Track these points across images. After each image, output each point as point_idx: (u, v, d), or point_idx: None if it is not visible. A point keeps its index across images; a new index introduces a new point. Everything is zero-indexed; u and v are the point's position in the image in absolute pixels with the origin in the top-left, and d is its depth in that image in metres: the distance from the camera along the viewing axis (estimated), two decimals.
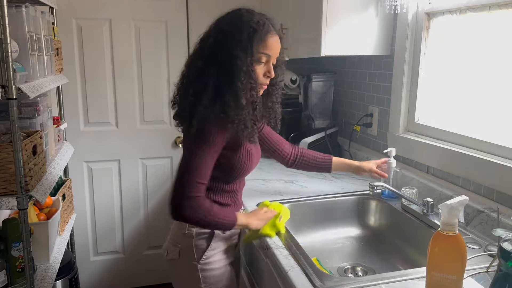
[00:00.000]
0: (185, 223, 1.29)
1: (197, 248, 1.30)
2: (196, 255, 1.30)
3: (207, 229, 1.29)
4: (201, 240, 1.30)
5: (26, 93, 1.40)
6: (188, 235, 1.30)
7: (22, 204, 1.37)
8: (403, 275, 1.11)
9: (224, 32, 1.17)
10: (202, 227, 1.27)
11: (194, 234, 1.30)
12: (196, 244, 1.30)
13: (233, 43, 1.14)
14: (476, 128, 1.48)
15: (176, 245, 1.33)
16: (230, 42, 1.15)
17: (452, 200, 0.92)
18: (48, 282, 1.54)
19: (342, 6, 1.77)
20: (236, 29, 1.15)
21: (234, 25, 1.16)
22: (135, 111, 2.57)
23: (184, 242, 1.31)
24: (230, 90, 1.14)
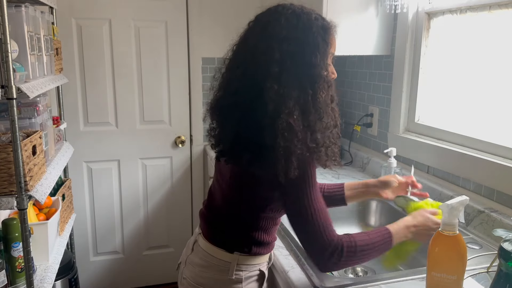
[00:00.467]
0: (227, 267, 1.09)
1: None
2: None
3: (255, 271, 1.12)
4: (251, 284, 1.11)
5: (26, 93, 1.39)
6: (235, 280, 1.08)
7: (21, 204, 1.37)
8: (403, 275, 1.10)
9: (290, 39, 0.94)
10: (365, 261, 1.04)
11: (244, 279, 1.09)
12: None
13: (308, 49, 0.94)
14: (476, 128, 1.48)
15: None
16: (304, 50, 0.94)
17: (453, 200, 0.92)
18: (48, 282, 1.54)
19: (342, 6, 1.77)
20: (305, 32, 0.95)
21: (298, 28, 0.95)
22: (135, 111, 2.57)
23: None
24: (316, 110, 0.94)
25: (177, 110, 2.61)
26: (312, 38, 0.95)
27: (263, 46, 0.95)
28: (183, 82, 2.60)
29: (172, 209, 2.73)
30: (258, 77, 0.94)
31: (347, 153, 2.19)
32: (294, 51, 0.94)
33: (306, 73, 0.94)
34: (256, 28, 1.00)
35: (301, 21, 0.95)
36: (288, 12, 0.97)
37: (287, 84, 0.92)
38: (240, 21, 1.11)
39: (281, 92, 0.92)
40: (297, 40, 0.94)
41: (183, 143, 2.66)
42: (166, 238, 2.76)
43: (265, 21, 0.99)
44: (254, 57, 0.96)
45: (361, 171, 2.05)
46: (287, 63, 0.93)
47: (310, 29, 0.95)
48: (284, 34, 0.94)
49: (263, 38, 0.96)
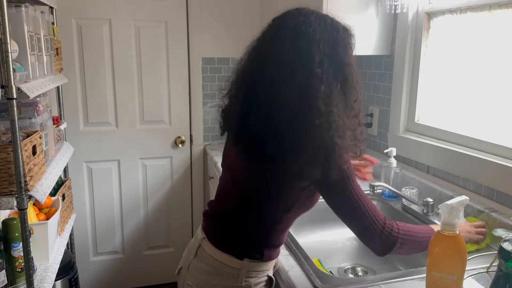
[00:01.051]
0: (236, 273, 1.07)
1: None
2: None
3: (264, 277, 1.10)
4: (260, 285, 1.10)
5: (26, 93, 1.39)
6: (245, 287, 1.07)
7: (21, 204, 1.37)
8: (403, 275, 1.11)
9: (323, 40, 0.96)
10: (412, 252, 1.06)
11: (253, 285, 1.08)
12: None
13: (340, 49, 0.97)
14: (476, 128, 1.48)
15: None
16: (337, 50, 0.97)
17: (452, 200, 0.92)
18: (48, 282, 1.54)
19: (342, 6, 1.77)
20: (334, 33, 0.98)
21: (327, 30, 0.97)
22: (135, 111, 2.57)
23: None
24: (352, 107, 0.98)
25: (177, 110, 2.61)
26: (341, 39, 0.98)
27: (302, 46, 0.95)
28: (183, 82, 2.60)
29: (172, 209, 2.73)
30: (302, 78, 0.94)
31: None
32: (330, 52, 0.96)
33: (341, 72, 0.97)
34: (285, 30, 0.99)
35: (328, 24, 0.98)
36: (313, 15, 0.99)
37: (328, 85, 0.94)
38: (240, 21, 1.11)
39: (326, 92, 0.93)
40: (330, 41, 0.96)
41: (183, 143, 2.66)
42: (166, 238, 2.76)
43: (294, 23, 0.99)
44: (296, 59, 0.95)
45: None
46: (325, 64, 0.95)
47: (338, 31, 0.98)
48: (318, 36, 0.96)
49: (299, 39, 0.96)
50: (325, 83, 0.94)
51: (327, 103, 0.93)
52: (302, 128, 0.94)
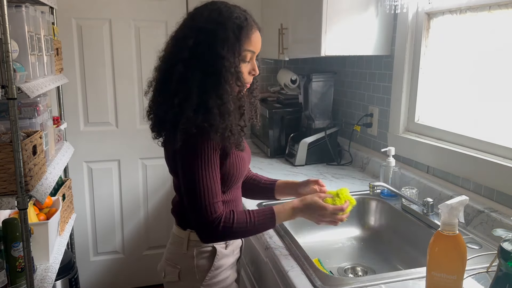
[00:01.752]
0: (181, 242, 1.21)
1: (199, 269, 1.20)
2: (198, 276, 1.20)
3: (208, 247, 1.20)
4: (202, 259, 1.20)
5: (26, 93, 1.40)
6: (188, 255, 1.20)
7: (22, 204, 1.37)
8: (403, 275, 1.11)
9: (205, 30, 1.05)
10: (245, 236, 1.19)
11: (195, 254, 1.20)
12: (198, 264, 1.20)
13: (218, 42, 1.04)
14: (476, 128, 1.48)
15: (175, 266, 1.23)
16: (214, 42, 1.04)
17: (452, 200, 0.92)
18: (48, 282, 1.54)
19: (342, 6, 1.77)
20: (219, 27, 1.05)
21: (215, 22, 1.05)
22: (135, 111, 2.57)
23: (184, 262, 1.21)
24: (216, 95, 1.05)
25: None
26: (224, 32, 1.05)
27: (182, 34, 1.09)
28: None
29: None
30: (171, 60, 1.09)
31: (347, 153, 2.19)
32: (206, 41, 1.05)
33: (213, 62, 1.05)
34: (186, 19, 1.13)
35: (220, 17, 1.06)
36: (213, 8, 1.09)
37: (193, 69, 1.05)
38: None
39: (185, 75, 1.05)
40: (211, 32, 1.05)
41: None
42: (166, 238, 2.75)
43: (193, 13, 1.12)
44: (175, 42, 1.11)
45: (361, 171, 2.05)
46: (198, 51, 1.05)
47: (225, 25, 1.06)
48: (202, 26, 1.06)
49: (185, 27, 1.10)
50: (189, 67, 1.05)
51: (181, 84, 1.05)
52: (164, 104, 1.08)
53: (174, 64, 1.07)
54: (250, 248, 1.55)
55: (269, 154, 2.34)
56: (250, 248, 1.55)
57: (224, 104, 1.05)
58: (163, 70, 1.11)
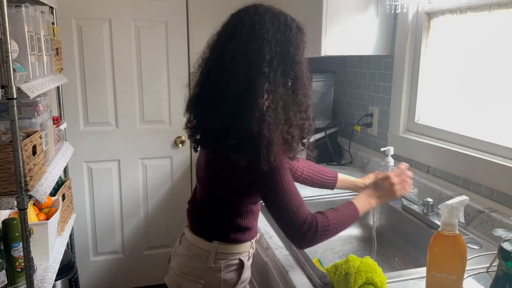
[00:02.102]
0: (206, 255, 1.16)
1: (226, 283, 1.16)
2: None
3: (235, 260, 1.17)
4: (230, 273, 1.16)
5: (26, 93, 1.39)
6: (215, 269, 1.15)
7: (22, 204, 1.37)
8: (403, 275, 1.11)
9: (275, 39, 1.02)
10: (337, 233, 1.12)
11: (223, 267, 1.15)
12: (225, 278, 1.15)
13: (291, 48, 1.04)
14: (476, 128, 1.48)
15: (197, 281, 1.15)
16: (288, 48, 1.03)
17: (452, 200, 0.92)
18: (48, 282, 1.54)
19: (342, 6, 1.77)
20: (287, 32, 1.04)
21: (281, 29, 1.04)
22: (135, 111, 2.57)
23: (209, 276, 1.15)
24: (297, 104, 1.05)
25: (177, 110, 2.61)
26: (294, 38, 1.05)
27: (254, 46, 1.03)
28: (183, 82, 2.59)
29: (172, 209, 2.73)
30: (250, 75, 1.01)
31: (347, 153, 2.19)
32: (281, 51, 1.03)
33: (290, 71, 1.04)
34: (241, 29, 1.06)
35: (281, 23, 1.05)
36: (268, 14, 1.05)
37: (275, 82, 1.02)
38: None
39: (270, 89, 1.01)
40: (282, 41, 1.03)
41: (183, 143, 2.66)
42: (166, 238, 2.76)
43: (250, 22, 1.05)
44: (246, 57, 1.03)
45: (361, 171, 2.05)
46: (275, 62, 1.02)
47: (291, 30, 1.05)
48: (271, 36, 1.03)
49: (252, 39, 1.03)
50: (271, 81, 1.01)
51: (269, 98, 1.01)
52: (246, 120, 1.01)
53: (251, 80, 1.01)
54: None
55: None
56: None
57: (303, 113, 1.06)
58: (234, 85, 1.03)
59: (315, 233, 1.03)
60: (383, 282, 1.00)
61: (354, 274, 0.99)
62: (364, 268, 1.00)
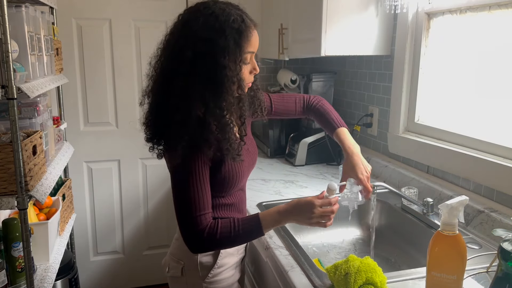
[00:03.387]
0: None
1: (203, 266, 1.21)
2: (201, 273, 1.21)
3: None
4: (206, 256, 1.21)
5: (26, 93, 1.40)
6: None
7: (22, 204, 1.37)
8: (403, 275, 1.11)
9: (204, 40, 1.00)
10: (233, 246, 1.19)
11: None
12: (202, 261, 1.21)
13: (219, 51, 0.99)
14: (476, 128, 1.48)
15: (178, 262, 1.24)
16: (214, 52, 0.99)
17: (452, 200, 0.92)
18: (48, 282, 1.54)
19: (342, 6, 1.77)
20: (218, 34, 1.00)
21: (213, 30, 1.00)
22: (135, 111, 2.57)
23: (188, 258, 1.21)
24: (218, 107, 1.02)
25: None
26: (224, 40, 1.00)
27: (180, 44, 1.02)
28: None
29: (172, 209, 2.70)
30: (169, 74, 1.04)
31: None
32: (205, 52, 1.00)
33: (214, 73, 1.00)
34: (178, 25, 1.07)
35: (217, 23, 1.00)
36: (208, 13, 1.02)
37: (193, 82, 1.00)
38: None
39: (186, 91, 1.01)
40: (210, 41, 1.00)
41: None
42: (166, 238, 2.76)
43: (186, 19, 1.05)
44: (171, 53, 1.05)
45: None
46: (198, 62, 1.00)
47: (224, 32, 1.00)
48: (200, 35, 1.00)
49: (181, 36, 1.04)
50: (189, 81, 1.00)
51: (182, 99, 1.01)
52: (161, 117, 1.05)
53: (172, 77, 1.03)
54: (250, 248, 1.55)
55: (269, 154, 2.34)
56: (250, 248, 1.55)
57: (224, 117, 1.03)
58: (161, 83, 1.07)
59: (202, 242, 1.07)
60: (383, 282, 1.00)
61: (354, 274, 0.99)
62: (364, 268, 1.00)
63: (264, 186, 1.84)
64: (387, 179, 1.83)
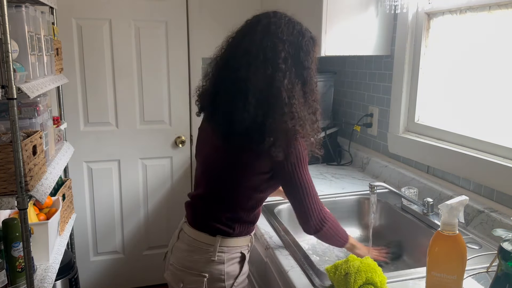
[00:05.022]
0: (209, 249, 1.19)
1: (229, 275, 1.19)
2: (227, 283, 1.19)
3: (237, 253, 1.21)
4: (232, 265, 1.20)
5: (26, 93, 1.40)
6: (218, 262, 1.18)
7: (22, 204, 1.37)
8: (403, 275, 1.11)
9: (290, 42, 1.09)
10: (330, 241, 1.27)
11: (225, 260, 1.19)
12: (228, 271, 1.19)
13: (302, 53, 1.10)
14: (476, 128, 1.48)
15: (200, 275, 1.18)
16: (300, 53, 1.10)
17: (452, 200, 0.92)
18: (48, 282, 1.54)
19: (342, 6, 1.77)
20: (300, 38, 1.11)
21: (294, 35, 1.10)
22: (135, 111, 2.57)
23: (213, 270, 1.18)
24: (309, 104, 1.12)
25: (177, 110, 2.61)
26: (305, 45, 1.11)
27: (270, 43, 1.08)
28: (183, 82, 2.60)
29: (172, 209, 2.73)
30: (268, 69, 1.07)
31: (347, 153, 2.19)
32: (293, 53, 1.09)
33: (301, 73, 1.10)
34: (258, 27, 1.12)
35: (296, 29, 1.11)
36: (285, 19, 1.12)
37: (291, 79, 1.08)
38: (240, 21, 1.14)
39: (289, 86, 1.07)
40: (295, 44, 1.10)
41: (183, 143, 2.66)
42: (166, 238, 2.76)
43: (266, 22, 1.12)
44: (261, 50, 1.08)
45: (361, 171, 2.05)
46: (289, 62, 1.08)
47: (304, 37, 1.11)
48: (285, 37, 1.09)
49: (267, 36, 1.09)
50: (288, 78, 1.07)
51: (289, 95, 1.07)
52: (270, 114, 1.06)
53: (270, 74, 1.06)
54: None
55: None
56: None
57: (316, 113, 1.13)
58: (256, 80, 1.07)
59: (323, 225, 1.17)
60: (383, 282, 1.00)
61: (354, 274, 0.99)
62: (364, 268, 1.00)
63: None
64: (387, 179, 1.84)
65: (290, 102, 1.06)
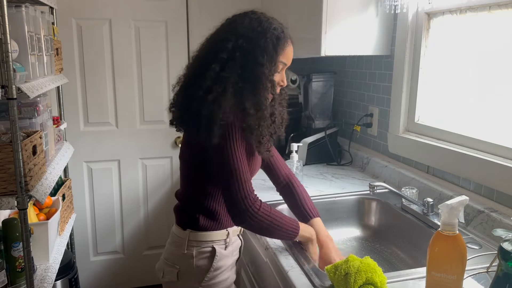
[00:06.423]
0: (181, 242, 1.22)
1: (198, 269, 1.21)
2: (197, 277, 1.21)
3: (207, 248, 1.22)
4: (202, 260, 1.22)
5: (26, 93, 1.40)
6: (187, 255, 1.22)
7: (22, 204, 1.37)
8: (403, 275, 1.11)
9: (246, 37, 1.10)
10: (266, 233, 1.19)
11: (195, 254, 1.21)
12: (197, 264, 1.21)
13: (258, 50, 1.09)
14: (476, 128, 1.48)
15: (173, 266, 1.24)
16: (254, 49, 1.09)
17: (452, 200, 0.92)
18: (48, 282, 1.54)
19: (342, 6, 1.77)
20: (260, 36, 1.10)
21: (255, 31, 1.10)
22: (135, 111, 2.57)
23: (184, 263, 1.22)
24: (253, 99, 1.09)
25: None
26: (264, 42, 1.10)
27: (221, 37, 1.13)
28: None
29: (172, 209, 2.72)
30: (207, 59, 1.11)
31: (347, 153, 2.19)
32: (246, 48, 1.09)
33: (251, 68, 1.09)
34: (224, 25, 1.17)
35: (260, 27, 1.11)
36: (254, 17, 1.13)
37: (229, 70, 1.08)
38: None
39: (220, 75, 1.08)
40: (251, 40, 1.10)
41: None
42: (166, 238, 2.75)
43: (232, 19, 1.16)
44: (211, 45, 1.15)
45: (361, 171, 2.05)
46: (236, 55, 1.09)
47: (265, 35, 1.11)
48: (242, 32, 1.11)
49: (224, 31, 1.14)
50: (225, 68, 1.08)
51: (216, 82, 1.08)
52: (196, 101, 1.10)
53: (210, 63, 1.09)
54: (250, 248, 1.55)
55: None
56: (250, 248, 1.55)
57: (260, 108, 1.09)
58: (197, 67, 1.15)
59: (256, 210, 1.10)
60: (383, 282, 1.00)
61: (354, 274, 0.99)
62: (364, 268, 1.00)
63: (264, 186, 1.84)
64: (387, 179, 1.84)
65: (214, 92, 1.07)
